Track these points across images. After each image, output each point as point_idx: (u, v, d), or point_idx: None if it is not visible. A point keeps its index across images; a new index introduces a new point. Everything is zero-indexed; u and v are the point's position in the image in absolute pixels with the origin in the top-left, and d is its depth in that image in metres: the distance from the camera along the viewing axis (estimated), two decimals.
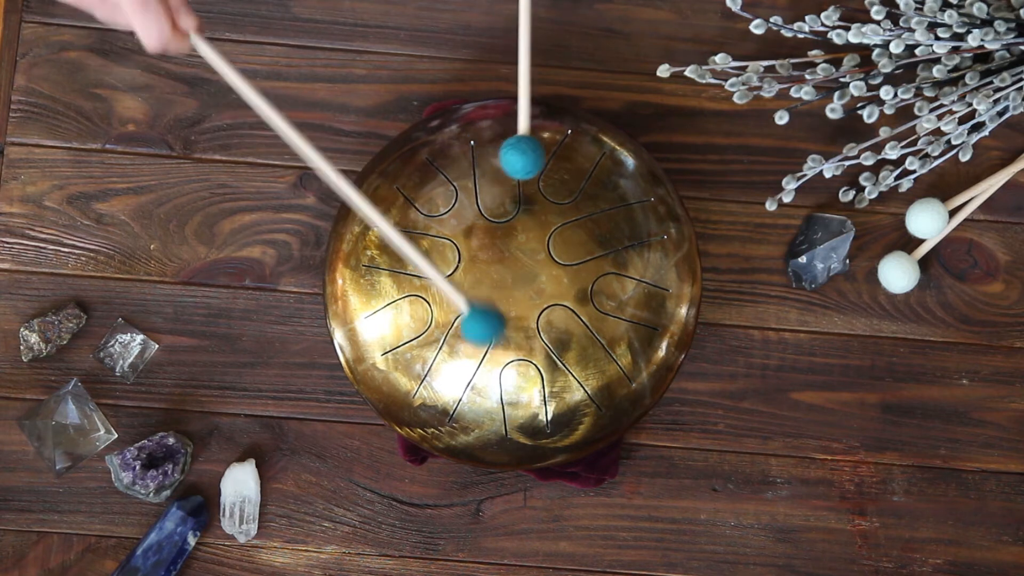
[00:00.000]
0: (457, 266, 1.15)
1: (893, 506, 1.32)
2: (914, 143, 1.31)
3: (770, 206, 1.32)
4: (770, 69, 1.32)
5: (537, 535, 1.32)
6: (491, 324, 1.08)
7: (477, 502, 1.31)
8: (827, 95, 1.30)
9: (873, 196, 1.32)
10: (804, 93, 1.30)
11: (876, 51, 1.30)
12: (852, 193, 1.33)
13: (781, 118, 1.30)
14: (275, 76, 1.33)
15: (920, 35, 1.26)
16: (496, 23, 1.34)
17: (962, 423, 1.33)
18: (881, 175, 1.32)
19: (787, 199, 1.32)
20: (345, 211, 1.22)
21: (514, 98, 1.26)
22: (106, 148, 1.33)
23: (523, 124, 1.12)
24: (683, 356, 1.21)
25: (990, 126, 1.30)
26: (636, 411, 1.20)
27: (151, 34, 0.98)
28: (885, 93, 1.27)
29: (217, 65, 1.02)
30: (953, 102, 1.28)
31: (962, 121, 1.30)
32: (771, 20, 1.30)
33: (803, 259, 1.32)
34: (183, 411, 1.32)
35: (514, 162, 1.10)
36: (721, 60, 1.30)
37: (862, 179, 1.32)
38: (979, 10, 1.25)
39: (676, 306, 1.19)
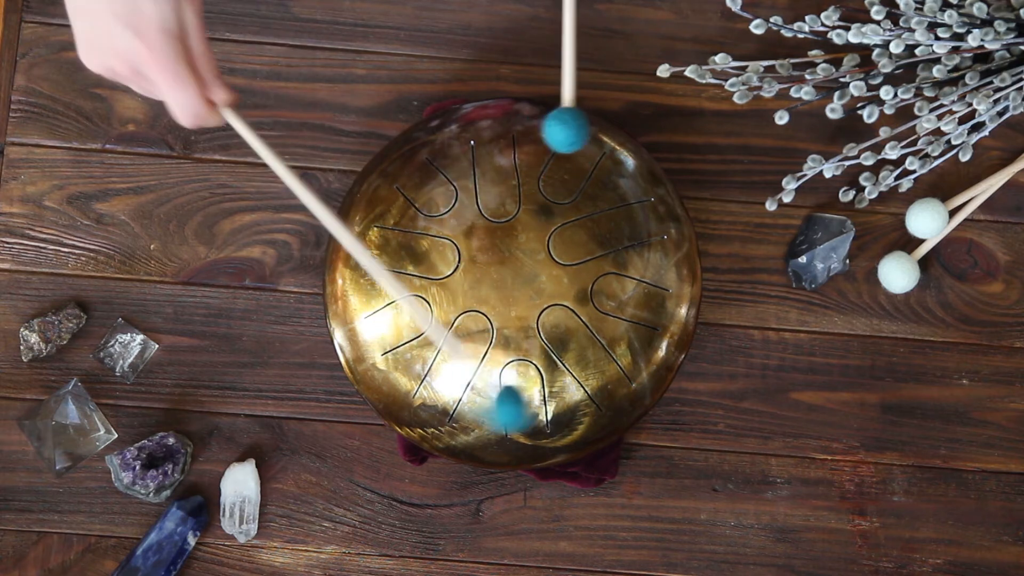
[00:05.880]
0: (457, 266, 1.15)
1: (893, 506, 1.32)
2: (914, 143, 1.31)
3: (770, 206, 1.32)
4: (770, 69, 1.32)
5: (537, 535, 1.32)
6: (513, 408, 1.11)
7: (477, 502, 1.31)
8: (827, 95, 1.30)
9: (873, 196, 1.32)
10: (804, 93, 1.30)
11: (876, 51, 1.30)
12: (852, 193, 1.33)
13: (781, 118, 1.30)
14: (275, 76, 1.34)
15: (920, 35, 1.26)
16: (496, 23, 1.35)
17: (962, 423, 1.33)
18: (881, 175, 1.32)
19: (787, 199, 1.32)
20: (345, 211, 1.22)
21: (514, 98, 1.26)
22: (106, 148, 1.33)
23: (568, 95, 1.08)
24: (683, 356, 1.21)
25: (990, 126, 1.30)
26: (636, 411, 1.20)
27: (184, 110, 0.99)
28: (885, 93, 1.27)
29: (249, 139, 1.02)
30: (953, 102, 1.28)
31: (962, 121, 1.30)
32: (771, 20, 1.30)
33: (803, 259, 1.32)
34: (183, 411, 1.32)
35: (557, 135, 1.07)
36: (721, 60, 1.30)
37: (862, 179, 1.32)
38: (979, 10, 1.25)
39: (676, 306, 1.19)
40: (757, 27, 1.29)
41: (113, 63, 0.98)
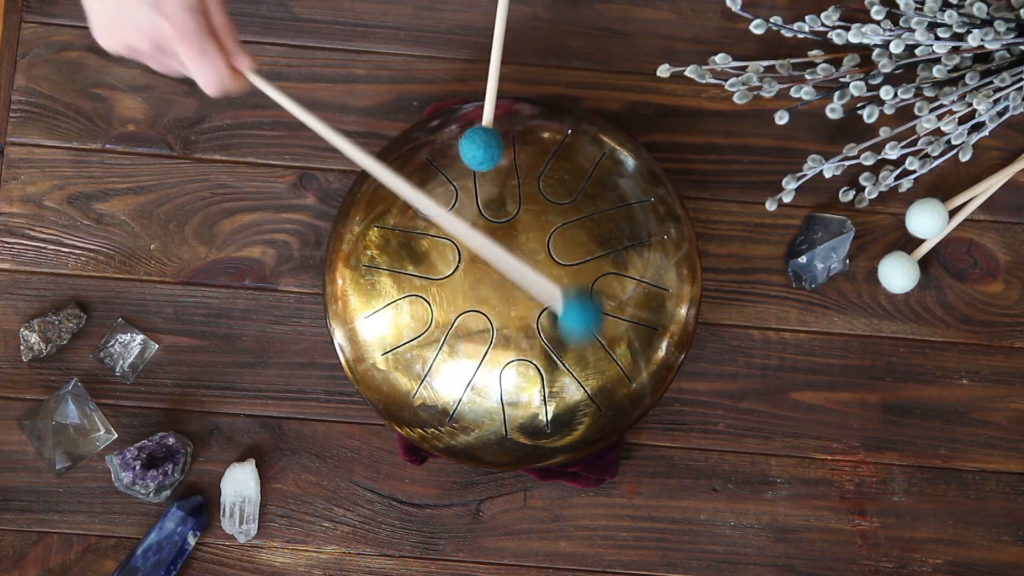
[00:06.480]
0: (457, 266, 1.15)
1: (893, 506, 1.32)
2: (914, 143, 1.31)
3: (770, 206, 1.32)
4: (770, 69, 1.32)
5: (537, 535, 1.32)
6: (589, 314, 1.05)
7: (477, 502, 1.31)
8: (827, 95, 1.30)
9: (873, 196, 1.32)
10: (804, 93, 1.30)
11: (876, 51, 1.30)
12: (852, 193, 1.33)
13: (781, 118, 1.30)
14: (275, 76, 1.33)
15: (920, 35, 1.26)
16: None
17: (962, 423, 1.33)
18: (881, 175, 1.32)
19: (787, 199, 1.32)
20: (345, 211, 1.22)
21: (514, 98, 1.26)
22: (106, 148, 1.33)
23: (487, 116, 1.14)
24: (683, 356, 1.21)
25: (990, 126, 1.30)
26: (636, 411, 1.20)
27: (211, 80, 1.01)
28: (885, 93, 1.27)
29: (277, 98, 1.04)
30: (953, 102, 1.28)
31: (962, 121, 1.30)
32: (771, 20, 1.30)
33: (803, 259, 1.32)
34: (183, 411, 1.32)
35: (471, 154, 1.13)
36: (721, 60, 1.30)
37: (862, 179, 1.32)
38: (979, 10, 1.25)
39: (676, 306, 1.19)
40: (757, 27, 1.29)
41: (134, 41, 1.00)
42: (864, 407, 1.33)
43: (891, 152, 1.29)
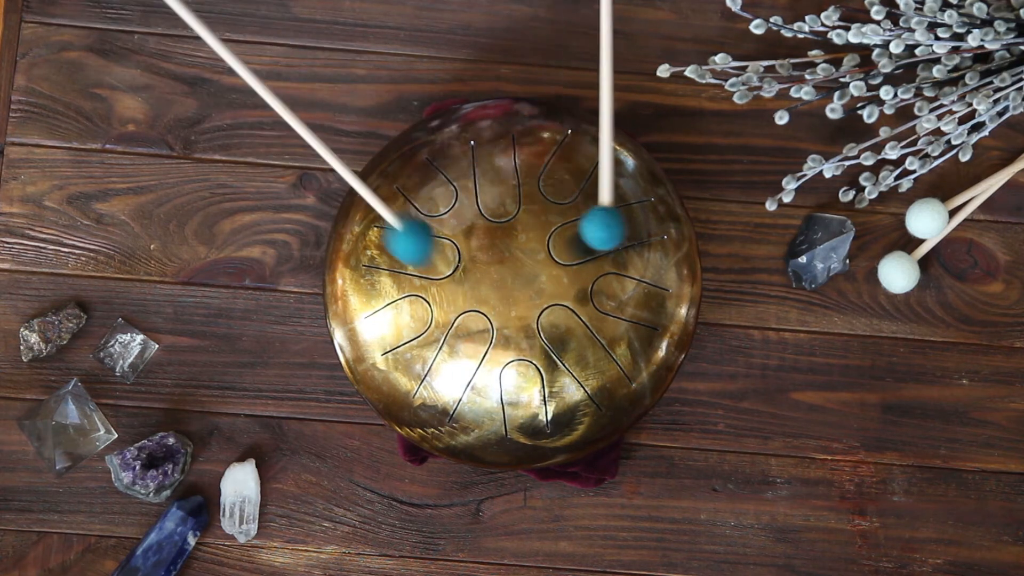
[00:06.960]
0: (457, 266, 1.15)
1: (893, 506, 1.32)
2: (914, 143, 1.31)
3: (770, 206, 1.32)
4: (770, 69, 1.32)
5: (537, 535, 1.32)
6: (420, 241, 1.09)
7: (477, 502, 1.31)
8: (827, 95, 1.30)
9: (873, 196, 1.32)
10: (804, 93, 1.30)
11: (876, 51, 1.30)
12: (852, 193, 1.33)
13: (781, 118, 1.30)
14: (275, 76, 1.34)
15: (920, 35, 1.26)
16: (496, 23, 1.35)
17: (962, 423, 1.33)
18: (881, 175, 1.32)
19: (787, 199, 1.32)
20: (345, 211, 1.22)
21: (514, 98, 1.26)
22: (106, 148, 1.33)
23: (605, 195, 1.09)
24: (683, 356, 1.21)
25: (990, 126, 1.30)
26: (636, 411, 1.20)
27: None
28: (885, 93, 1.27)
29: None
30: (953, 102, 1.28)
31: (962, 121, 1.30)
32: (771, 20, 1.30)
33: (803, 259, 1.32)
34: (183, 411, 1.32)
35: (595, 234, 1.09)
36: (721, 60, 1.30)
37: (862, 179, 1.32)
38: (979, 10, 1.25)
39: (676, 306, 1.19)
40: (757, 27, 1.29)
41: None
42: (864, 407, 1.33)
43: (891, 152, 1.29)
